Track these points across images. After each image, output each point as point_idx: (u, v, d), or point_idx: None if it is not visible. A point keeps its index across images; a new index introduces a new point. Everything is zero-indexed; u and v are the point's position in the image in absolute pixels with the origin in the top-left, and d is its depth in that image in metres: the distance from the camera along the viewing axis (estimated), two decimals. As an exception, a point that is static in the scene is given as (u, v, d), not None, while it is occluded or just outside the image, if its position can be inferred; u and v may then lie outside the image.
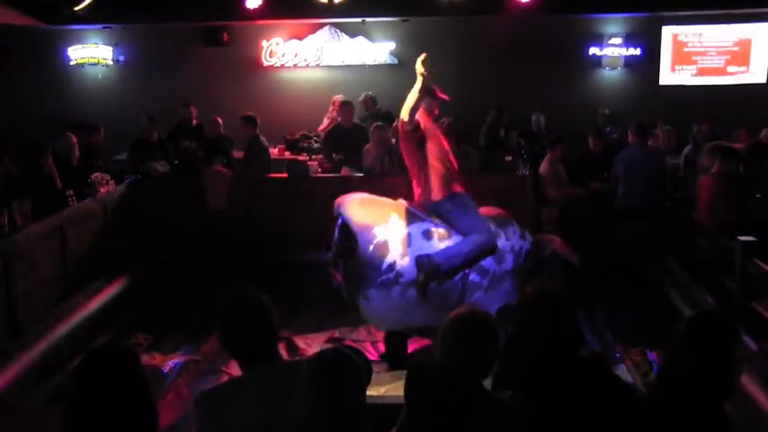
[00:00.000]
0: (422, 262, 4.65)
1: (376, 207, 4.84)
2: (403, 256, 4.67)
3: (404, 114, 4.70)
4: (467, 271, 4.82)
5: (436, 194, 4.82)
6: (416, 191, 4.97)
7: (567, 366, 2.34)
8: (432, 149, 4.84)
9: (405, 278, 4.69)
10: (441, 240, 4.76)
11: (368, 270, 4.68)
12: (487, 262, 4.85)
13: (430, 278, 4.67)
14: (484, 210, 5.07)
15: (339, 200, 4.86)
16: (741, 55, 10.30)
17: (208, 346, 5.28)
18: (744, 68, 10.31)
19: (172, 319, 5.89)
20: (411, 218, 4.80)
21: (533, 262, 5.08)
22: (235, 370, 2.51)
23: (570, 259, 5.08)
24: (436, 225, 4.82)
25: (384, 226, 4.70)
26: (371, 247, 4.65)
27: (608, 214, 6.95)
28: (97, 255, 6.39)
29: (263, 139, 7.76)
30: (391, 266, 4.68)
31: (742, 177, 5.96)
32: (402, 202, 4.93)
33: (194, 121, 9.02)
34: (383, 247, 4.65)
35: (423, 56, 4.79)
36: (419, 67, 4.75)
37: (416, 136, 4.82)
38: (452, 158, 4.97)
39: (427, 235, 4.76)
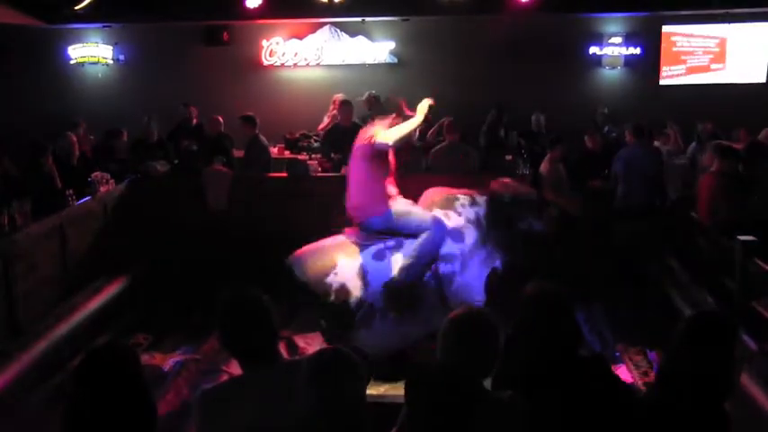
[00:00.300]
0: (384, 291, 4.78)
1: (321, 255, 4.96)
2: (365, 286, 4.80)
3: (388, 139, 4.80)
4: (433, 267, 4.92)
5: (378, 208, 4.91)
6: (350, 206, 5.04)
7: (567, 366, 2.34)
8: (383, 166, 4.96)
9: (378, 305, 4.82)
10: (394, 253, 4.89)
11: (340, 316, 4.83)
12: (449, 248, 4.95)
13: (398, 299, 4.79)
14: (429, 193, 5.22)
15: (290, 259, 5.02)
16: (720, 54, 10.37)
17: (208, 346, 5.28)
18: (721, 66, 10.38)
19: (172, 318, 5.89)
20: (357, 249, 4.94)
21: (495, 215, 5.12)
22: (235, 369, 2.51)
23: (529, 196, 5.15)
24: (384, 241, 4.94)
25: (334, 272, 4.84)
26: (332, 297, 4.81)
27: (607, 214, 6.95)
28: (97, 254, 6.39)
29: (262, 138, 7.76)
30: (360, 303, 4.81)
31: (742, 177, 5.96)
32: (343, 236, 5.05)
33: (194, 121, 9.02)
34: (342, 290, 4.80)
35: (431, 101, 4.94)
36: (424, 108, 4.89)
37: (383, 154, 4.93)
38: (394, 175, 5.11)
39: (379, 256, 4.90)
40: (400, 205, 4.98)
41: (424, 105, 4.90)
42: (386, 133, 4.84)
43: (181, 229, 6.82)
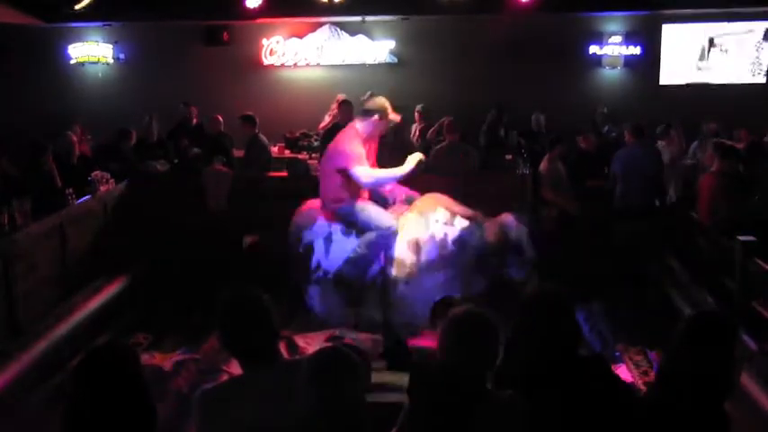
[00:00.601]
0: (334, 277, 5.03)
1: (310, 213, 5.25)
2: (327, 253, 5.04)
3: (366, 178, 4.93)
4: (382, 265, 5.02)
5: (340, 203, 5.06)
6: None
7: (567, 366, 2.34)
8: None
9: (330, 276, 5.04)
10: (357, 236, 5.04)
11: (301, 269, 5.13)
12: (403, 254, 4.96)
13: (345, 288, 5.03)
14: (424, 196, 5.25)
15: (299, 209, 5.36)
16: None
17: (208, 346, 5.26)
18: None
19: (172, 318, 5.87)
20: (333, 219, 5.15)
21: (482, 251, 5.01)
22: (235, 369, 2.51)
23: (508, 243, 5.05)
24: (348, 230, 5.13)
25: (310, 227, 5.14)
26: (301, 248, 5.14)
27: (607, 214, 6.95)
28: (97, 254, 6.39)
29: (262, 137, 7.76)
30: (318, 265, 5.08)
31: (742, 177, 5.96)
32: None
33: (194, 121, 9.01)
34: (308, 247, 5.10)
35: (422, 156, 5.12)
36: (414, 160, 5.03)
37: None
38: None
39: (347, 232, 5.08)
40: (364, 204, 5.09)
41: (414, 158, 5.00)
42: (367, 172, 4.93)
43: (181, 229, 6.82)
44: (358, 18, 10.07)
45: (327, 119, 8.95)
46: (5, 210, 5.30)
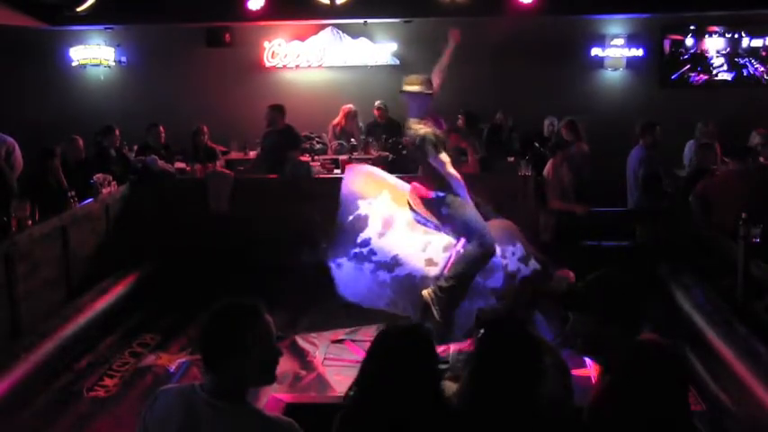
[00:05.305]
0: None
1: (375, 181, 4.83)
2: (381, 235, 4.69)
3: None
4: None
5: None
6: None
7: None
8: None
9: (377, 258, 4.73)
10: (425, 234, 4.80)
11: (342, 238, 4.75)
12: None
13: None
14: (494, 222, 5.05)
15: (350, 166, 4.96)
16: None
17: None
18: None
19: (177, 319, 5.90)
20: (404, 203, 4.82)
21: (531, 293, 4.92)
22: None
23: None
24: (426, 221, 4.82)
25: (370, 200, 4.69)
26: (350, 218, 4.71)
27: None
28: (100, 256, 6.41)
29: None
30: (366, 242, 4.70)
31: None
32: (407, 188, 4.94)
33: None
34: (362, 220, 4.69)
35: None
36: None
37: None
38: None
39: (412, 225, 4.79)
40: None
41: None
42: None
43: (183, 231, 6.84)
44: (360, 21, 10.06)
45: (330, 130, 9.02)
46: (11, 212, 5.32)
